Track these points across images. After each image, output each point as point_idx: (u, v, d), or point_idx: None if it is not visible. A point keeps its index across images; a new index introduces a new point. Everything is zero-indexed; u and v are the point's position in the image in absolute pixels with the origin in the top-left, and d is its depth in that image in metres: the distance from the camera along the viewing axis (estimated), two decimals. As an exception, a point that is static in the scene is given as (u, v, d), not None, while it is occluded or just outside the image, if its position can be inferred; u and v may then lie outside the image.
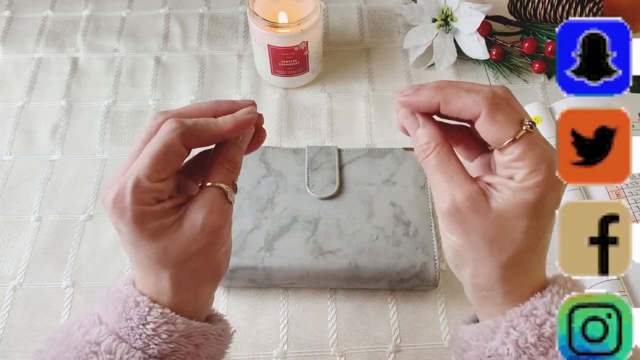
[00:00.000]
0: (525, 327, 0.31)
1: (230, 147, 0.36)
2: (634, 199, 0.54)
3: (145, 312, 0.33)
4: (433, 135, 0.34)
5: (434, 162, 0.34)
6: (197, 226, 0.33)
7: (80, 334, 0.33)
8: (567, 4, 0.66)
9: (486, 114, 0.32)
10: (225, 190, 0.34)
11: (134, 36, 0.73)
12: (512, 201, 0.32)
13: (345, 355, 0.50)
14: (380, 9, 0.76)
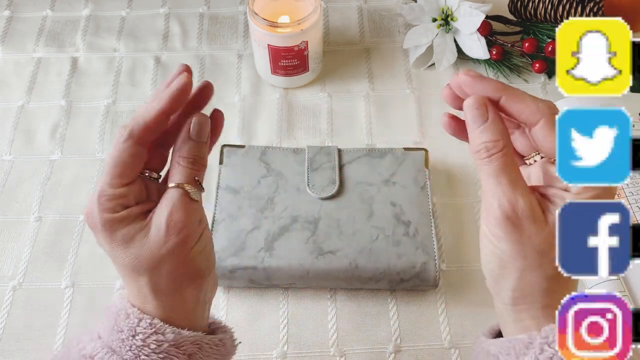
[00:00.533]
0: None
1: (183, 142, 0.35)
2: (635, 199, 0.54)
3: (135, 324, 0.33)
4: (502, 133, 0.33)
5: (499, 163, 0.32)
6: (161, 228, 0.33)
7: (77, 350, 0.34)
8: (567, 4, 0.66)
9: (547, 122, 0.32)
10: (185, 189, 0.34)
11: (133, 36, 0.73)
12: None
13: (345, 355, 0.50)
14: (380, 9, 0.76)
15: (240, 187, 0.55)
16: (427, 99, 0.67)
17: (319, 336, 0.51)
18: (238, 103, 0.67)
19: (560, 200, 0.32)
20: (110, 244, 0.34)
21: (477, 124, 0.33)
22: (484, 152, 0.32)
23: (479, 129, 0.33)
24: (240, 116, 0.66)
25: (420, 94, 0.68)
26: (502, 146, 0.32)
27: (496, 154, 0.32)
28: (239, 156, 0.57)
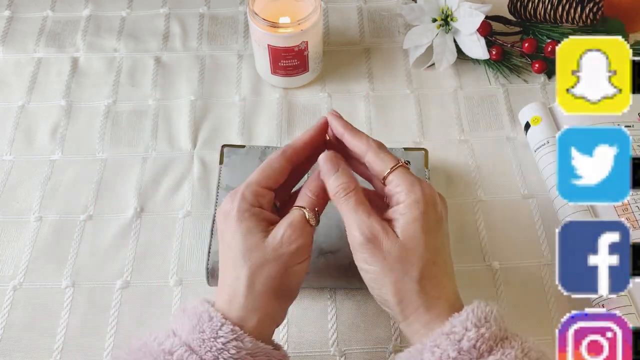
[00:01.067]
0: (446, 344, 0.35)
1: (314, 179, 0.43)
2: (634, 199, 0.54)
3: (217, 327, 0.36)
4: (352, 177, 0.41)
5: (355, 198, 0.40)
6: (277, 237, 0.39)
7: (155, 344, 0.36)
8: (567, 4, 0.66)
9: (372, 151, 0.41)
10: (304, 212, 0.41)
11: (134, 36, 0.73)
12: (405, 222, 0.38)
13: (345, 355, 0.50)
14: (380, 9, 0.76)
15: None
16: (427, 99, 0.67)
17: (318, 336, 0.51)
18: (238, 103, 0.67)
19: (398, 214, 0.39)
20: (236, 229, 0.39)
21: (331, 172, 0.41)
22: (342, 191, 0.40)
23: (334, 177, 0.41)
24: (240, 116, 0.66)
25: (420, 94, 0.68)
26: (354, 186, 0.40)
27: (351, 192, 0.40)
28: (239, 156, 0.58)
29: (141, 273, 0.55)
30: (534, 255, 0.56)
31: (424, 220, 0.38)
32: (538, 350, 0.36)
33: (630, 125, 0.59)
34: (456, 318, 0.36)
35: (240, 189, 0.41)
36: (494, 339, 0.35)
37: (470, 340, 0.35)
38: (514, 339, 0.36)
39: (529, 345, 0.36)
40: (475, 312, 0.36)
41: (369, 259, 0.39)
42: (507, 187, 0.60)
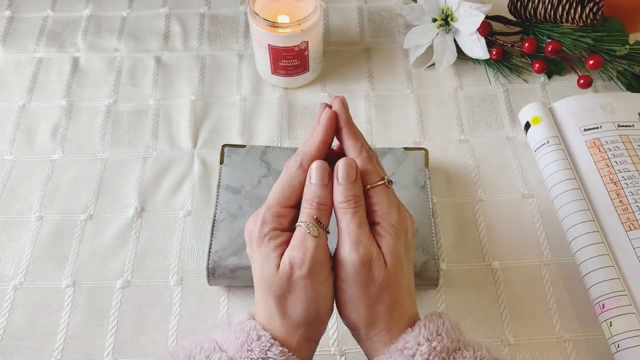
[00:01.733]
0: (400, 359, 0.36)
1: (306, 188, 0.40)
2: (634, 199, 0.54)
3: (267, 347, 0.36)
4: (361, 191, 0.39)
5: (361, 214, 0.38)
6: (286, 265, 0.37)
7: (202, 356, 0.36)
8: (567, 4, 0.66)
9: (361, 160, 0.40)
10: (304, 228, 0.38)
11: (134, 36, 0.73)
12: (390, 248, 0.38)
13: (345, 355, 0.50)
14: (380, 9, 0.76)
15: (240, 187, 0.55)
16: (427, 99, 0.67)
17: (319, 335, 0.51)
18: (238, 103, 0.67)
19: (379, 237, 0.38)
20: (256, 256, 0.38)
21: (348, 179, 0.39)
22: (352, 202, 0.38)
23: (350, 184, 0.39)
24: (240, 116, 0.66)
25: (420, 94, 0.68)
26: (362, 202, 0.39)
27: (359, 207, 0.38)
28: (239, 156, 0.58)
29: (141, 273, 0.55)
30: (534, 255, 0.56)
31: (400, 246, 0.38)
32: (493, 357, 0.37)
33: (630, 125, 0.59)
34: (409, 334, 0.37)
35: (261, 212, 0.39)
36: (446, 352, 0.36)
37: (422, 354, 0.36)
38: (467, 349, 0.36)
39: (481, 354, 0.36)
40: (427, 326, 0.37)
41: (354, 280, 0.38)
42: (507, 187, 0.60)
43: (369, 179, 0.39)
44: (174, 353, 0.38)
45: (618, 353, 0.47)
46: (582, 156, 0.58)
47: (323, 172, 0.39)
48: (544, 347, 0.50)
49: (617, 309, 0.48)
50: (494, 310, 0.52)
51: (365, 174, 0.39)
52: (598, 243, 0.52)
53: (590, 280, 0.51)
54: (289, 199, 0.39)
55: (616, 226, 0.53)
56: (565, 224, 0.55)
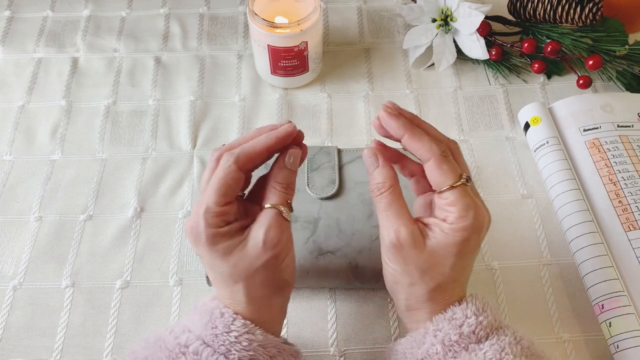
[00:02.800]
0: (448, 328, 0.38)
1: (279, 170, 0.40)
2: (634, 199, 0.54)
3: (229, 322, 0.38)
4: (388, 176, 0.40)
5: (386, 199, 0.40)
6: (259, 243, 0.38)
7: (172, 338, 0.38)
8: (566, 4, 0.66)
9: (434, 161, 0.38)
10: (279, 209, 0.39)
11: (134, 36, 0.73)
12: (443, 241, 0.38)
13: (345, 355, 0.50)
14: (380, 9, 0.76)
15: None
16: (426, 99, 0.67)
17: (318, 336, 0.51)
18: (238, 103, 0.67)
19: (438, 229, 0.38)
20: (211, 255, 0.38)
21: (370, 169, 0.41)
22: (376, 190, 0.40)
23: (373, 174, 0.41)
24: (240, 116, 0.66)
25: (419, 94, 0.68)
26: (389, 186, 0.40)
27: (384, 192, 0.40)
28: (238, 156, 0.58)
29: (141, 273, 0.55)
30: (534, 255, 0.56)
31: (463, 245, 0.38)
32: (528, 340, 0.39)
33: (630, 125, 0.59)
34: (457, 307, 0.39)
35: (200, 213, 0.38)
36: (490, 327, 0.38)
37: (470, 326, 0.37)
38: (508, 329, 0.39)
39: (520, 334, 0.38)
40: (474, 302, 0.39)
41: (392, 259, 0.40)
42: (506, 187, 0.60)
43: (445, 178, 0.38)
44: (147, 338, 0.39)
45: (617, 353, 0.47)
46: (581, 156, 0.58)
47: (298, 159, 0.41)
48: (543, 347, 0.50)
49: (617, 310, 0.48)
50: (494, 310, 0.52)
51: (442, 174, 0.38)
52: (597, 243, 0.52)
53: (590, 281, 0.51)
54: (225, 197, 0.38)
55: (615, 226, 0.53)
56: (565, 224, 0.55)
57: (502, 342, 0.37)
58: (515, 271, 0.55)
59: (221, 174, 0.38)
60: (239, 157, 0.38)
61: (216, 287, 0.40)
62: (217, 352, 0.37)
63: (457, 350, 0.37)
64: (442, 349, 0.37)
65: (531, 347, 0.38)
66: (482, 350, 0.36)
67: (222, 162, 0.39)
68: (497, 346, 0.37)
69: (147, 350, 0.38)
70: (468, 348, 0.37)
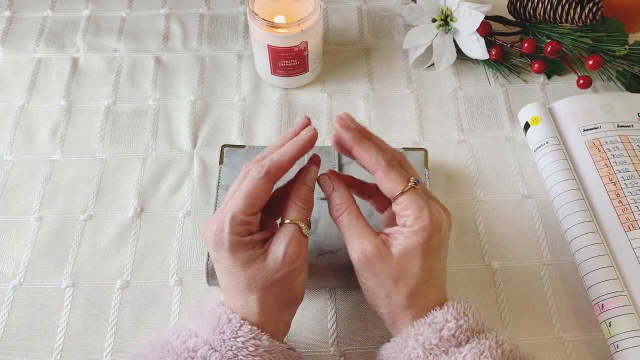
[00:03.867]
0: (428, 332, 0.38)
1: (300, 187, 0.42)
2: (633, 199, 0.54)
3: (237, 327, 0.38)
4: (344, 198, 0.42)
5: (346, 219, 0.41)
6: (279, 257, 0.39)
7: (179, 342, 0.38)
8: (566, 4, 0.66)
9: (382, 170, 0.40)
10: (300, 226, 0.41)
11: (134, 36, 0.73)
12: (406, 245, 0.39)
13: (345, 355, 0.50)
14: (380, 9, 0.76)
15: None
16: (426, 99, 0.67)
17: (318, 336, 0.51)
18: (238, 103, 0.67)
19: (400, 235, 0.40)
20: (232, 262, 0.39)
21: (326, 193, 0.43)
22: (335, 212, 0.42)
23: (330, 197, 0.43)
24: (240, 116, 0.66)
25: (419, 94, 0.68)
26: (346, 207, 0.42)
27: (343, 213, 0.42)
28: (239, 156, 0.58)
29: (141, 273, 0.55)
30: (534, 255, 0.56)
31: (425, 245, 0.39)
32: (512, 343, 0.39)
33: (630, 125, 0.59)
34: (438, 311, 0.39)
35: (226, 220, 0.39)
36: (471, 331, 0.39)
37: (450, 329, 0.38)
38: (490, 332, 0.39)
39: (503, 338, 0.39)
40: (455, 306, 0.40)
41: (364, 274, 0.41)
42: (506, 187, 0.60)
43: (394, 186, 0.40)
44: (152, 342, 0.40)
45: (617, 353, 0.47)
46: (581, 156, 0.58)
47: (315, 176, 0.43)
48: (543, 347, 0.51)
49: (617, 309, 0.48)
50: (494, 310, 0.52)
51: (391, 182, 0.40)
52: (597, 243, 0.52)
53: (590, 281, 0.51)
54: (252, 208, 0.39)
55: (615, 226, 0.53)
56: (565, 224, 0.55)
57: (482, 345, 0.37)
58: (515, 271, 0.55)
59: (250, 184, 0.40)
60: (270, 169, 0.40)
61: (229, 294, 0.41)
62: (224, 357, 0.37)
63: (437, 354, 0.38)
64: (423, 353, 0.38)
65: (514, 351, 0.38)
66: (462, 354, 0.37)
67: (252, 173, 0.40)
68: (476, 349, 0.37)
69: (154, 354, 0.38)
70: (448, 351, 0.38)
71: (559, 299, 0.53)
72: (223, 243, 0.39)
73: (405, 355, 0.39)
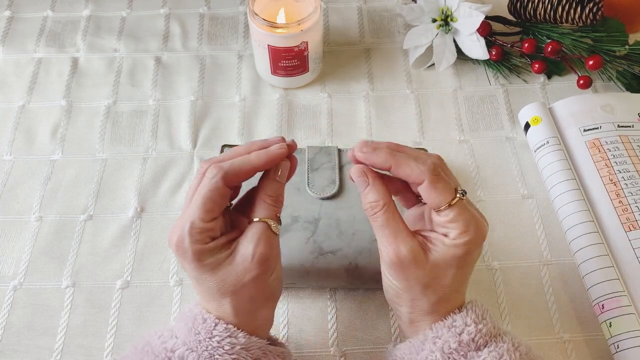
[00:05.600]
0: (448, 335, 0.38)
1: (269, 183, 0.40)
2: (634, 199, 0.54)
3: (211, 327, 0.38)
4: (382, 194, 0.40)
5: (382, 218, 0.39)
6: (247, 258, 0.38)
7: (159, 342, 0.38)
8: (567, 4, 0.66)
9: (429, 183, 0.38)
10: (269, 224, 0.39)
11: (134, 36, 0.73)
12: (445, 254, 0.38)
13: (345, 355, 0.50)
14: (380, 9, 0.76)
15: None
16: (426, 99, 0.67)
17: (319, 336, 0.51)
18: (238, 103, 0.67)
19: (440, 243, 0.38)
20: (198, 270, 0.38)
21: (361, 188, 0.40)
22: (370, 210, 0.40)
23: (364, 193, 0.40)
24: (240, 116, 0.66)
25: (420, 94, 0.68)
26: (383, 204, 0.39)
27: (379, 212, 0.39)
28: (239, 156, 0.58)
29: (141, 273, 0.55)
30: (534, 255, 0.56)
31: (465, 258, 0.38)
32: (526, 346, 0.39)
33: (630, 125, 0.59)
34: (457, 314, 0.39)
35: (185, 229, 0.37)
36: (489, 335, 0.38)
37: (470, 334, 0.38)
38: (506, 335, 0.39)
39: (518, 340, 0.39)
40: (474, 309, 0.39)
41: (394, 275, 0.40)
42: (507, 187, 0.60)
43: (442, 197, 0.38)
44: (135, 344, 0.39)
45: (617, 353, 0.47)
46: (581, 156, 0.58)
47: (286, 172, 0.41)
48: (543, 348, 0.50)
49: (617, 310, 0.48)
50: (494, 310, 0.52)
51: (438, 193, 0.38)
52: (598, 243, 0.52)
53: (590, 281, 0.51)
54: (210, 213, 0.37)
55: (616, 226, 0.53)
56: (565, 224, 0.55)
57: (500, 349, 0.37)
58: (516, 271, 0.55)
59: (206, 189, 0.37)
60: (227, 173, 0.38)
61: (203, 300, 0.40)
62: (201, 357, 0.37)
63: (456, 358, 0.37)
64: (441, 357, 0.37)
65: (529, 353, 0.38)
66: (481, 358, 0.37)
67: (207, 175, 0.38)
68: (495, 353, 0.37)
69: (135, 355, 0.38)
70: (467, 356, 0.37)
71: (559, 299, 0.53)
72: (186, 253, 0.37)
73: (422, 358, 0.38)
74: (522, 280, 0.54)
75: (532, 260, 0.55)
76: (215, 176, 0.38)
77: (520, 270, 0.55)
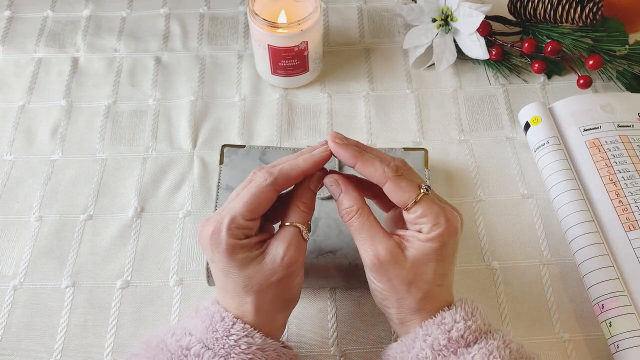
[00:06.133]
0: (437, 332, 0.38)
1: (304, 190, 0.42)
2: (634, 199, 0.54)
3: (229, 326, 0.38)
4: (355, 199, 0.41)
5: (357, 223, 0.40)
6: (277, 259, 0.39)
7: (173, 340, 0.38)
8: (567, 4, 0.66)
9: (391, 182, 0.39)
10: (300, 229, 0.41)
11: (134, 36, 0.73)
12: (422, 249, 0.39)
13: (345, 355, 0.50)
14: (380, 9, 0.76)
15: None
16: (426, 99, 0.67)
17: (318, 336, 0.51)
18: (238, 103, 0.67)
19: (415, 239, 0.39)
20: (229, 264, 0.39)
21: (335, 196, 0.42)
22: (346, 215, 0.41)
23: (338, 200, 0.41)
24: (240, 116, 0.66)
25: (420, 94, 0.68)
26: (357, 209, 0.41)
27: (354, 216, 0.40)
28: (239, 156, 0.58)
29: (141, 273, 0.55)
30: (534, 255, 0.56)
31: (441, 251, 0.39)
32: (518, 343, 0.39)
33: (630, 125, 0.59)
34: (446, 312, 0.39)
35: (225, 222, 0.39)
36: (479, 331, 0.39)
37: (459, 330, 0.38)
38: (497, 332, 0.39)
39: (509, 337, 0.39)
40: (463, 307, 0.40)
41: (377, 277, 0.41)
42: (507, 187, 0.60)
43: (407, 195, 0.39)
44: (147, 341, 0.40)
45: (617, 353, 0.47)
46: (581, 156, 0.58)
47: (320, 183, 0.43)
48: (543, 347, 0.50)
49: (617, 309, 0.48)
50: (494, 310, 0.52)
51: (402, 192, 0.39)
52: (598, 243, 0.52)
53: (590, 281, 0.51)
54: (253, 213, 0.39)
55: (616, 226, 0.53)
56: (565, 224, 0.55)
57: (490, 346, 0.38)
58: (516, 271, 0.55)
59: (255, 190, 0.39)
60: (278, 178, 0.40)
61: (225, 295, 0.41)
62: (217, 355, 0.37)
63: (445, 355, 0.38)
64: (432, 354, 0.38)
65: (520, 350, 0.39)
66: (471, 355, 0.37)
67: (258, 179, 0.40)
68: (485, 350, 0.37)
69: (148, 352, 0.38)
70: (457, 352, 0.38)
71: (559, 299, 0.53)
72: (220, 245, 0.39)
73: (413, 356, 0.39)
74: (522, 280, 0.54)
75: (532, 260, 0.55)
76: (265, 180, 0.39)
77: (520, 270, 0.55)
